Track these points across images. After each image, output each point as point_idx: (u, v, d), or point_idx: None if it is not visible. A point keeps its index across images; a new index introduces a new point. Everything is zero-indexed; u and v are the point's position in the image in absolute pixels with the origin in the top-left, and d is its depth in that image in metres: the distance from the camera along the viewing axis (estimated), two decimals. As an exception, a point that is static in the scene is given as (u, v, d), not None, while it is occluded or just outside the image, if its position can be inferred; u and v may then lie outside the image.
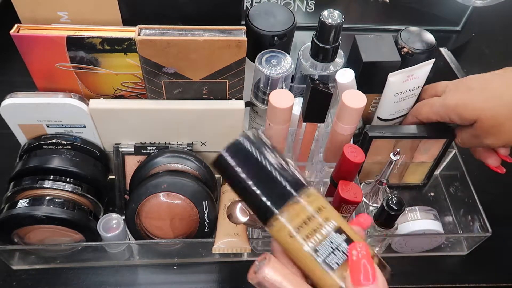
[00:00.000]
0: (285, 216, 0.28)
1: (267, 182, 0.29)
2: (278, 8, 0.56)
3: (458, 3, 0.80)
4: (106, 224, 0.52)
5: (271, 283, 0.28)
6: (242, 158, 0.29)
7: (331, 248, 0.28)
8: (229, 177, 0.29)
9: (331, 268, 0.28)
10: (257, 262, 0.29)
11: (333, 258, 0.28)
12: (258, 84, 0.53)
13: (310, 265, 0.28)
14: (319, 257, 0.28)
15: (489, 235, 0.54)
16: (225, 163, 0.29)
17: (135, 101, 0.52)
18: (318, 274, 0.28)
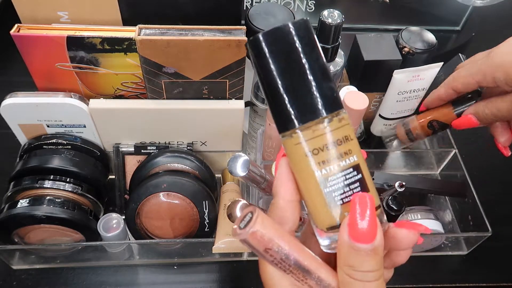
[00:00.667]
0: (308, 132, 0.25)
1: (302, 87, 0.24)
2: (278, 8, 0.56)
3: (458, 3, 0.80)
4: (106, 224, 0.52)
5: (259, 240, 0.24)
6: (285, 48, 0.24)
7: (343, 184, 0.25)
8: (259, 66, 0.25)
9: (334, 203, 0.25)
10: (242, 217, 0.25)
11: (340, 194, 0.25)
12: (258, 84, 0.53)
13: (313, 194, 0.25)
14: (327, 188, 0.25)
15: (489, 235, 0.54)
16: (260, 47, 0.24)
17: (135, 101, 0.52)
18: (318, 205, 0.25)
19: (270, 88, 0.25)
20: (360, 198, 0.24)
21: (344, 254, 0.25)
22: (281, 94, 0.24)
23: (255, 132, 0.58)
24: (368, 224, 0.24)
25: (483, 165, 0.66)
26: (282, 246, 0.25)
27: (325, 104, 0.25)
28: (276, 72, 0.24)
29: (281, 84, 0.24)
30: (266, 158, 0.54)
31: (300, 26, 0.24)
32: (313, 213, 0.26)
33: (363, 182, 0.25)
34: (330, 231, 0.26)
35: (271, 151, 0.53)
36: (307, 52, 0.24)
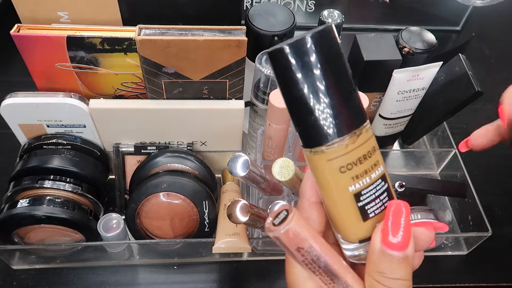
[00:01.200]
0: (341, 147, 0.23)
1: (333, 101, 0.23)
2: (278, 8, 0.56)
3: (458, 3, 0.80)
4: (106, 224, 0.52)
5: (293, 239, 0.24)
6: (311, 60, 0.22)
7: (374, 196, 0.25)
8: (283, 80, 0.23)
9: (367, 216, 0.25)
10: (275, 214, 0.25)
11: (372, 207, 0.25)
12: (258, 84, 0.53)
13: (346, 208, 0.25)
14: (360, 202, 0.24)
15: (489, 235, 0.54)
16: (285, 60, 0.22)
17: (135, 101, 0.52)
18: (351, 219, 0.25)
19: (296, 103, 0.23)
20: (396, 206, 0.24)
21: (374, 260, 0.25)
22: (310, 109, 0.23)
23: (255, 132, 0.58)
24: (402, 232, 0.24)
25: (483, 165, 0.66)
26: (314, 246, 0.25)
27: (356, 118, 0.24)
28: (303, 86, 0.23)
29: (310, 99, 0.23)
30: (266, 158, 0.54)
31: (324, 34, 0.23)
32: (342, 227, 0.26)
33: (389, 191, 0.25)
34: (361, 243, 0.26)
35: (271, 151, 0.53)
36: (334, 63, 0.23)
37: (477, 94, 0.53)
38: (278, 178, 0.42)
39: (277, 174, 0.42)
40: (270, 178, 0.46)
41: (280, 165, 0.42)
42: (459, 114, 0.58)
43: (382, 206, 0.25)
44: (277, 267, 0.56)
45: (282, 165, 0.42)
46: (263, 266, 0.56)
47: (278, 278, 0.56)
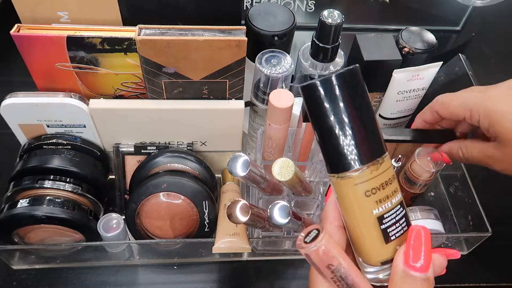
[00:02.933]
0: (366, 173, 0.26)
1: (362, 129, 0.26)
2: (278, 8, 0.56)
3: (458, 3, 0.80)
4: (106, 224, 0.52)
5: (323, 256, 0.26)
6: (347, 91, 0.25)
7: (394, 220, 0.27)
8: (316, 109, 0.26)
9: (389, 238, 0.27)
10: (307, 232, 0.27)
11: (393, 230, 0.27)
12: (258, 84, 0.53)
13: (369, 231, 0.27)
14: (383, 225, 0.27)
15: (489, 235, 0.54)
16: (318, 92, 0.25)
17: (135, 101, 0.52)
18: (373, 242, 0.27)
19: (326, 132, 0.26)
20: (417, 230, 0.26)
21: (397, 281, 0.26)
22: (339, 138, 0.26)
23: (255, 132, 0.58)
24: (424, 255, 0.26)
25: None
26: (343, 265, 0.26)
27: (378, 147, 0.26)
28: (332, 118, 0.25)
29: (338, 127, 0.25)
30: (266, 158, 0.54)
31: (351, 74, 0.26)
32: (364, 250, 0.28)
33: (406, 217, 0.28)
34: (383, 265, 0.27)
35: (271, 151, 0.53)
36: (359, 99, 0.26)
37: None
38: (278, 178, 0.42)
39: (277, 174, 0.42)
40: (270, 178, 0.46)
41: (280, 165, 0.42)
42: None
43: (402, 230, 0.27)
44: (277, 267, 0.56)
45: (282, 165, 0.42)
46: (263, 266, 0.56)
47: (278, 278, 0.56)
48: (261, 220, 0.42)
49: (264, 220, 0.42)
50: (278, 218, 0.41)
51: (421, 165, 0.52)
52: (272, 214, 0.42)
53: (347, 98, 0.25)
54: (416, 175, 0.53)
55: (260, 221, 0.42)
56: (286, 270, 0.56)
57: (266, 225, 0.43)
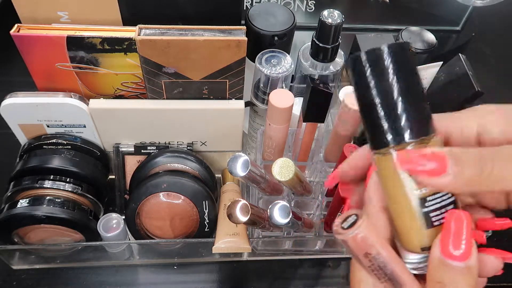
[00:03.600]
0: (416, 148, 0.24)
1: (409, 104, 0.24)
2: (278, 8, 0.56)
3: (458, 3, 0.80)
4: (106, 224, 0.52)
5: (361, 244, 0.24)
6: (398, 64, 0.24)
7: (439, 205, 0.25)
8: (361, 80, 0.24)
9: (430, 224, 0.25)
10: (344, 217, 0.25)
11: (436, 215, 0.25)
12: (258, 84, 0.53)
13: (409, 214, 0.25)
14: (425, 209, 0.24)
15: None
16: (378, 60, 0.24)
17: (135, 101, 0.52)
18: (413, 226, 0.25)
19: (370, 103, 0.24)
20: (457, 216, 0.24)
21: (434, 270, 0.24)
22: (382, 110, 0.24)
23: (255, 132, 0.58)
24: (464, 242, 0.23)
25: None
26: (382, 253, 0.25)
27: (426, 126, 0.24)
28: (378, 89, 0.24)
29: (384, 101, 0.24)
30: (266, 158, 0.54)
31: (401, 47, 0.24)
32: (404, 234, 0.26)
33: (456, 204, 0.25)
34: (422, 252, 0.26)
35: (271, 151, 0.53)
36: (408, 72, 0.24)
37: (477, 94, 0.53)
38: (278, 178, 0.42)
39: (277, 174, 0.42)
40: (270, 178, 0.46)
41: (280, 165, 0.42)
42: (459, 114, 0.57)
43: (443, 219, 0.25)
44: (277, 267, 0.56)
45: (282, 165, 0.42)
46: (263, 266, 0.56)
47: (278, 278, 0.56)
48: (261, 220, 0.42)
49: (264, 220, 0.42)
50: (278, 218, 0.42)
51: None
52: (272, 214, 0.42)
53: (396, 71, 0.24)
54: None
55: (260, 221, 0.42)
56: (286, 270, 0.56)
57: (266, 225, 0.43)
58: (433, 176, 0.22)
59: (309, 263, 0.57)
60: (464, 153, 0.23)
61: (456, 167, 0.22)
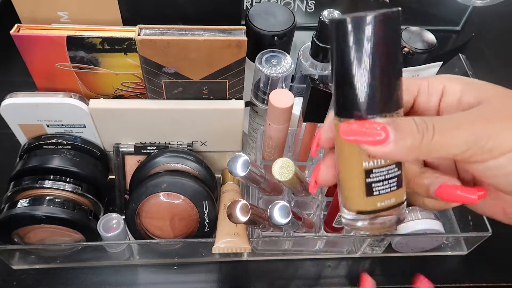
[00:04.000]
0: None
1: (379, 78, 0.24)
2: (278, 8, 0.56)
3: (458, 3, 0.80)
4: (106, 224, 0.52)
5: None
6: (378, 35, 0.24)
7: (384, 177, 0.26)
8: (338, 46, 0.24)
9: (371, 193, 0.26)
10: None
11: (379, 186, 0.26)
12: (258, 84, 0.53)
13: (355, 181, 0.26)
14: (369, 179, 0.26)
15: (489, 235, 0.54)
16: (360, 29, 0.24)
17: (135, 101, 0.52)
18: (353, 190, 0.27)
19: (341, 71, 0.25)
20: None
21: None
22: (351, 81, 0.24)
23: (255, 132, 0.58)
24: None
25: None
26: None
27: (390, 103, 0.25)
28: (352, 58, 0.24)
29: (354, 72, 0.24)
30: (266, 158, 0.54)
31: (390, 18, 0.25)
32: (346, 196, 0.28)
33: (399, 178, 0.27)
34: (358, 214, 0.27)
35: (271, 151, 0.53)
36: (386, 47, 0.24)
37: None
38: (278, 178, 0.42)
39: (277, 174, 0.42)
40: (270, 178, 0.46)
41: (280, 165, 0.42)
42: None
43: (389, 188, 0.26)
44: (277, 267, 0.56)
45: (282, 165, 0.42)
46: (263, 266, 0.56)
47: (278, 278, 0.56)
48: (261, 220, 0.42)
49: (264, 220, 0.42)
50: (278, 218, 0.42)
51: None
52: (272, 214, 0.42)
53: (371, 43, 0.24)
54: None
55: (260, 221, 0.42)
56: (286, 270, 0.56)
57: (266, 225, 0.43)
58: (375, 145, 0.24)
59: (309, 263, 0.57)
60: (405, 121, 0.24)
61: (397, 135, 0.23)
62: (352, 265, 0.57)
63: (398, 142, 0.23)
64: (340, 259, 0.58)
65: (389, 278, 0.56)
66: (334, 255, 0.58)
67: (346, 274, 0.57)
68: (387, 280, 0.56)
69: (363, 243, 0.55)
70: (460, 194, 0.27)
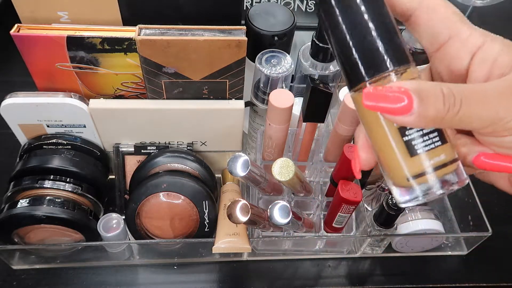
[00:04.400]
0: (384, 81, 0.24)
1: (375, 41, 0.24)
2: (278, 8, 0.56)
3: (458, 3, 0.80)
4: (106, 224, 0.52)
5: None
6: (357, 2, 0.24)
7: (422, 132, 0.24)
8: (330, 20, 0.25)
9: (414, 151, 0.24)
10: None
11: (420, 143, 0.24)
12: (258, 84, 0.53)
13: (389, 145, 0.25)
14: (406, 137, 0.24)
15: (489, 235, 0.54)
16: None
17: (135, 101, 0.52)
18: (398, 157, 0.25)
19: (341, 42, 0.24)
20: None
21: None
22: (352, 47, 0.24)
23: (255, 132, 0.58)
24: None
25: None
26: None
27: (399, 57, 0.24)
28: (348, 25, 0.24)
29: (354, 37, 0.24)
30: (266, 158, 0.54)
31: None
32: (390, 168, 0.26)
33: (441, 133, 0.25)
34: (409, 184, 0.25)
35: (271, 151, 0.53)
36: (377, 6, 0.24)
37: None
38: (278, 178, 0.42)
39: (277, 174, 0.42)
40: (270, 178, 0.46)
41: (280, 165, 0.42)
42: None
43: (432, 144, 0.25)
44: (277, 267, 0.56)
45: (282, 165, 0.42)
46: (263, 266, 0.56)
47: (278, 278, 0.56)
48: (261, 220, 0.42)
49: (264, 220, 0.42)
50: (278, 218, 0.42)
51: None
52: (272, 214, 0.42)
53: (364, 7, 0.24)
54: None
55: (260, 221, 0.42)
56: (286, 270, 0.56)
57: (266, 225, 0.43)
58: (398, 114, 0.22)
59: (309, 263, 0.57)
60: (431, 89, 0.23)
61: (420, 107, 0.22)
62: (352, 265, 0.57)
63: (421, 113, 0.22)
64: (340, 259, 0.58)
65: (389, 278, 0.56)
66: (334, 255, 0.58)
67: (346, 274, 0.57)
68: (387, 280, 0.56)
69: (363, 243, 0.55)
70: (500, 164, 0.26)
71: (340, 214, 0.49)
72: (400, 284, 0.56)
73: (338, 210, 0.48)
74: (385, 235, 0.53)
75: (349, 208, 0.48)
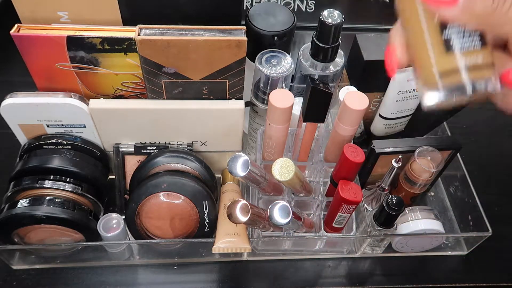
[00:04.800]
0: None
1: None
2: (278, 8, 0.56)
3: (458, 3, 0.80)
4: (106, 224, 0.52)
5: None
6: None
7: (463, 31, 0.24)
8: None
9: (450, 48, 0.24)
10: None
11: (458, 41, 0.24)
12: (258, 84, 0.53)
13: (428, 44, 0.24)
14: (444, 34, 0.24)
15: (489, 235, 0.54)
16: None
17: (135, 101, 0.52)
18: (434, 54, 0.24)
19: None
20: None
21: None
22: None
23: (255, 132, 0.58)
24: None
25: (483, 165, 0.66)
26: None
27: None
28: None
29: None
30: (266, 158, 0.54)
31: None
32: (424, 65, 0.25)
33: (481, 36, 0.24)
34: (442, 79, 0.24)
35: (271, 151, 0.53)
36: None
37: None
38: (278, 178, 0.42)
39: (277, 174, 0.42)
40: (270, 178, 0.46)
41: (280, 165, 0.42)
42: (459, 114, 0.58)
43: (471, 46, 0.24)
44: (277, 267, 0.56)
45: (282, 165, 0.42)
46: (263, 266, 0.56)
47: (278, 278, 0.56)
48: (261, 220, 0.42)
49: (264, 220, 0.42)
50: (278, 218, 0.42)
51: (421, 165, 0.52)
52: (272, 214, 0.42)
53: None
54: (416, 175, 0.53)
55: (260, 221, 0.42)
56: (286, 270, 0.56)
57: (266, 225, 0.43)
58: (443, 5, 0.22)
59: (309, 263, 0.57)
60: None
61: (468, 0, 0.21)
62: (352, 265, 0.57)
63: (468, 7, 0.21)
64: (340, 259, 0.58)
65: (389, 278, 0.56)
66: (334, 255, 0.58)
67: (346, 274, 0.57)
68: (387, 280, 0.56)
69: (363, 243, 0.55)
70: None
71: (340, 214, 0.49)
72: (400, 284, 0.56)
73: (338, 210, 0.48)
74: (385, 235, 0.53)
75: (349, 208, 0.48)
